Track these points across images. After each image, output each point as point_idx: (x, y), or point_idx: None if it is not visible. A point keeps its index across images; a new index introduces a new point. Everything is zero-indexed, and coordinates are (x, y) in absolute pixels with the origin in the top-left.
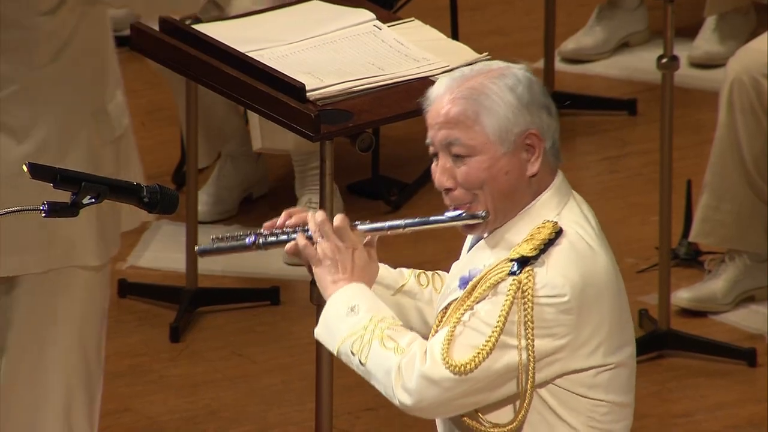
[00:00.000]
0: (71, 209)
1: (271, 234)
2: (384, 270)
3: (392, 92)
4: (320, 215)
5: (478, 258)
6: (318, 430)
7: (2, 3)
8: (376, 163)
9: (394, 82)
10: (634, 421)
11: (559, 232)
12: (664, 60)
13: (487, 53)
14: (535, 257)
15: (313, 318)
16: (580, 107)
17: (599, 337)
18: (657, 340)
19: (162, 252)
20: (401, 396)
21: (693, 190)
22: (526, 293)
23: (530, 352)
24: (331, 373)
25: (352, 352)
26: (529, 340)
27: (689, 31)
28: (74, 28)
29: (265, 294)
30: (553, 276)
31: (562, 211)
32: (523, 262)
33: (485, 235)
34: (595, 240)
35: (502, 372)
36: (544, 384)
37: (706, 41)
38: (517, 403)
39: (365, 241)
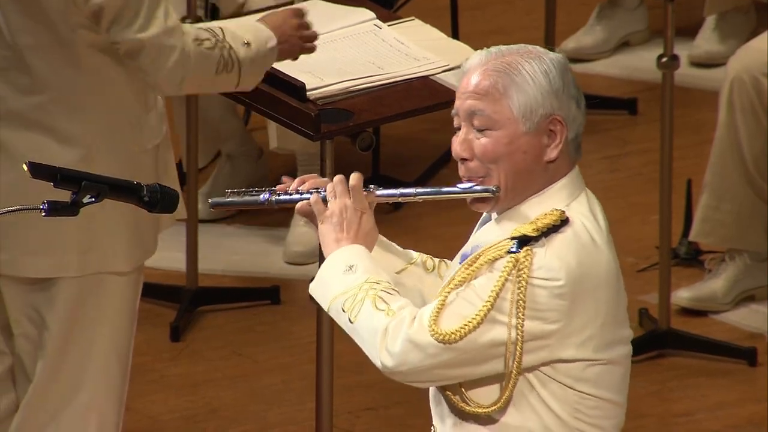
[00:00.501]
0: (71, 208)
1: (285, 193)
2: (394, 248)
3: (392, 91)
4: (339, 176)
5: (483, 236)
6: (318, 429)
7: (49, 9)
8: (377, 162)
9: (395, 81)
10: (634, 420)
11: (565, 221)
12: (665, 59)
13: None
14: (536, 238)
15: (313, 318)
16: None
17: (591, 330)
18: (657, 340)
19: (162, 251)
20: (384, 357)
21: (693, 189)
22: (522, 272)
23: (519, 332)
24: (331, 373)
25: (342, 309)
26: (519, 320)
27: (689, 31)
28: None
29: (265, 293)
30: (551, 259)
31: (572, 203)
32: (524, 241)
33: (494, 215)
34: (600, 237)
35: (487, 346)
36: (530, 369)
37: (707, 40)
38: (503, 383)
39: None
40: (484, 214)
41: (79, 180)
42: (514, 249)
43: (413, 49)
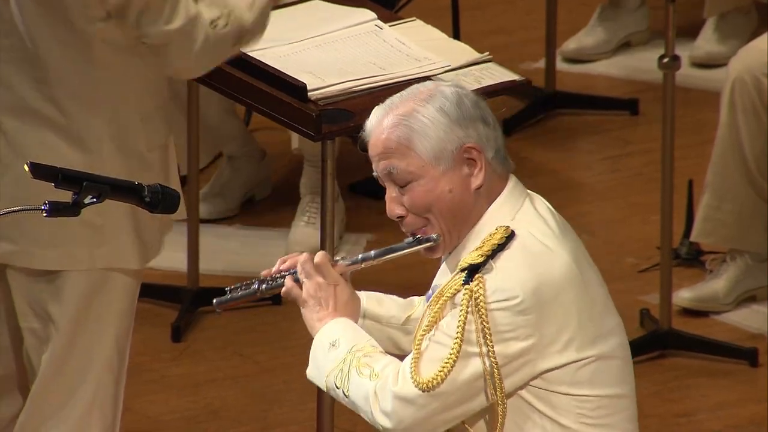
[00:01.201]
0: (73, 209)
1: (271, 279)
2: (392, 302)
3: (394, 92)
4: (303, 256)
5: (441, 276)
6: (319, 429)
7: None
8: None
9: (396, 81)
10: None
11: (510, 236)
12: (666, 60)
13: (488, 53)
14: (483, 263)
15: None
16: (582, 107)
17: (568, 333)
18: (658, 340)
19: (163, 251)
20: (381, 419)
21: (694, 189)
22: (479, 300)
23: (492, 359)
24: None
25: (336, 386)
26: (489, 347)
27: (690, 31)
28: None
29: None
30: (503, 280)
31: (517, 215)
32: (472, 270)
33: (447, 255)
34: (553, 238)
35: (470, 382)
36: (520, 387)
37: (708, 41)
38: (493, 413)
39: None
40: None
41: (81, 180)
42: (466, 280)
43: (414, 50)
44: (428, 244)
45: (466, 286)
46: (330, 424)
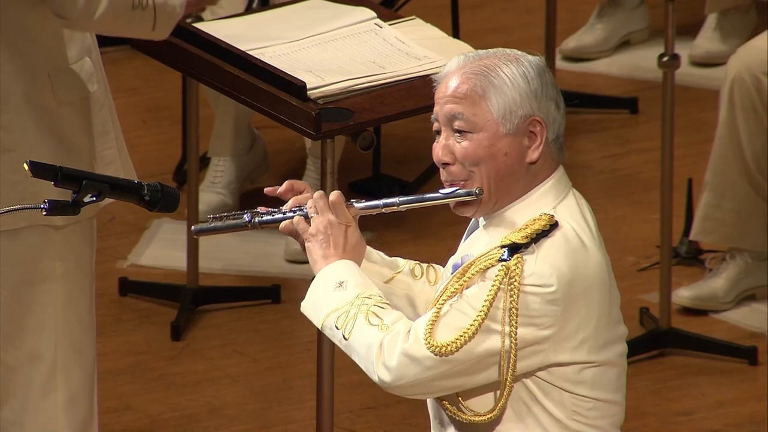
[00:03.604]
0: (72, 207)
1: (268, 213)
2: (379, 256)
3: (393, 90)
4: (318, 192)
5: (472, 246)
6: (319, 428)
7: None
8: (378, 161)
9: (396, 80)
10: (636, 419)
11: (554, 225)
12: (665, 58)
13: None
14: (526, 245)
15: None
16: (582, 105)
17: (585, 332)
18: (658, 339)
19: (163, 250)
20: (381, 372)
21: (694, 188)
22: (514, 280)
23: (513, 340)
24: (332, 372)
25: (336, 326)
26: (512, 327)
27: (690, 30)
28: None
29: (266, 292)
30: (542, 265)
31: (559, 206)
32: (514, 249)
33: (480, 222)
34: (590, 238)
35: (483, 356)
36: (527, 374)
37: (707, 40)
38: (497, 391)
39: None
40: (472, 221)
41: (80, 179)
42: (504, 257)
43: (414, 48)
44: (469, 197)
45: (504, 263)
46: (329, 423)
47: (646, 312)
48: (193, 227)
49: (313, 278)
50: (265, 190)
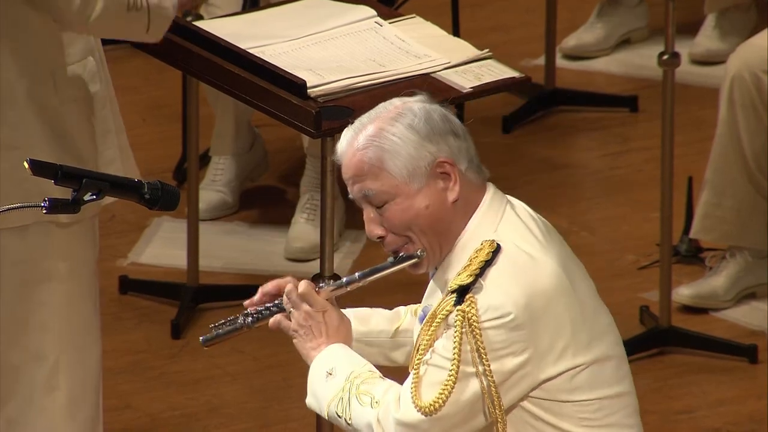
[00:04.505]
0: (72, 206)
1: (256, 312)
2: (379, 316)
3: (393, 89)
4: (288, 286)
5: (431, 295)
6: (319, 426)
7: None
8: None
9: (396, 78)
10: None
11: (496, 251)
12: (665, 57)
13: (487, 50)
14: (473, 283)
15: None
16: (582, 104)
17: (563, 341)
18: (658, 337)
19: (163, 249)
20: None
21: (694, 186)
22: (472, 321)
23: (489, 378)
24: None
25: (338, 415)
26: (485, 366)
27: (690, 28)
28: None
29: None
30: (494, 298)
31: (500, 225)
32: (463, 291)
33: (433, 271)
34: (538, 246)
35: (471, 402)
36: (521, 400)
37: (707, 38)
38: (494, 429)
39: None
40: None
41: (80, 177)
42: (457, 301)
43: (414, 47)
44: (412, 261)
45: (458, 308)
46: (329, 421)
47: (646, 310)
48: (201, 338)
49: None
50: (244, 303)
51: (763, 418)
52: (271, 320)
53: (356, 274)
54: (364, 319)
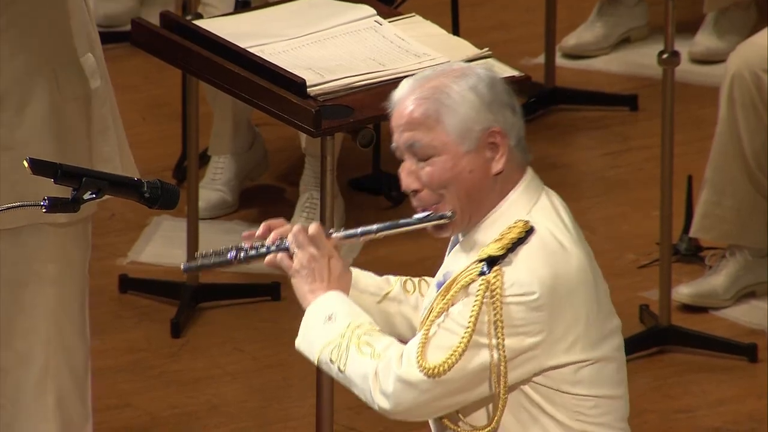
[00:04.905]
0: (72, 204)
1: (251, 248)
2: (369, 278)
3: (393, 88)
4: (296, 227)
5: (453, 262)
6: (319, 425)
7: None
8: (377, 158)
9: (395, 77)
10: (635, 416)
11: (529, 231)
12: (665, 55)
13: (487, 48)
14: (503, 256)
15: None
16: (581, 103)
17: (575, 333)
18: (658, 336)
19: (163, 247)
20: (380, 400)
21: (694, 185)
22: (495, 293)
23: (501, 352)
24: None
25: (330, 360)
26: (500, 340)
27: (690, 27)
28: None
29: (265, 289)
30: (522, 274)
31: (533, 209)
32: (492, 261)
33: (460, 237)
34: (568, 237)
35: (477, 372)
36: (523, 382)
37: (707, 37)
38: (493, 404)
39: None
40: (452, 237)
41: (80, 176)
42: (483, 271)
43: (414, 46)
44: (441, 221)
45: (483, 277)
46: (329, 421)
47: (646, 309)
48: (182, 265)
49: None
50: (243, 234)
51: (763, 417)
52: (269, 257)
53: (374, 225)
54: (355, 279)
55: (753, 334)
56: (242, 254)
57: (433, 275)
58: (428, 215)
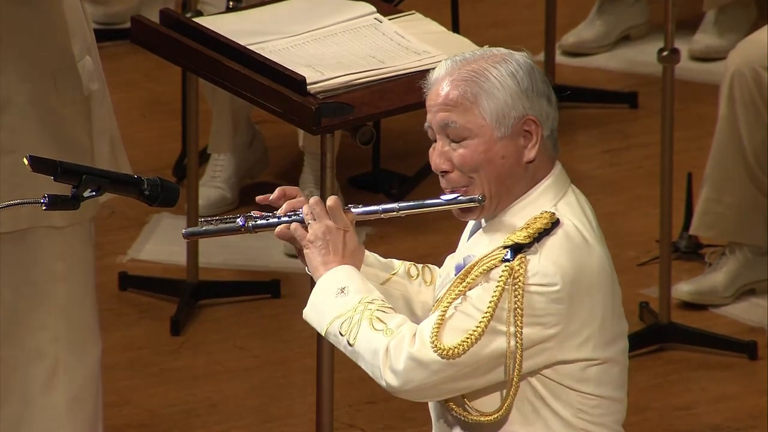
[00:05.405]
0: (72, 202)
1: (262, 217)
2: (374, 259)
3: (393, 85)
4: (313, 198)
5: (475, 246)
6: (318, 423)
7: None
8: (377, 156)
9: (395, 75)
10: (636, 414)
11: (555, 223)
12: (665, 53)
13: (487, 46)
14: (529, 245)
15: None
16: (581, 100)
17: (590, 330)
18: (658, 333)
19: (163, 245)
20: (388, 377)
21: (694, 183)
22: (518, 280)
23: (518, 340)
24: (331, 367)
25: (340, 333)
26: (518, 328)
27: (690, 24)
28: None
29: (265, 287)
30: (546, 264)
31: (560, 203)
32: (517, 249)
33: (483, 222)
34: (592, 234)
35: (490, 357)
36: (532, 373)
37: (707, 34)
38: (504, 391)
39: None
40: (470, 223)
41: (80, 174)
42: (507, 257)
43: (414, 43)
44: (471, 204)
45: (507, 263)
46: (329, 418)
47: (646, 306)
48: (183, 230)
49: (313, 284)
50: (257, 198)
51: (763, 414)
52: (281, 227)
53: (396, 204)
54: (364, 257)
55: (753, 332)
56: (251, 223)
57: None
58: (457, 197)
